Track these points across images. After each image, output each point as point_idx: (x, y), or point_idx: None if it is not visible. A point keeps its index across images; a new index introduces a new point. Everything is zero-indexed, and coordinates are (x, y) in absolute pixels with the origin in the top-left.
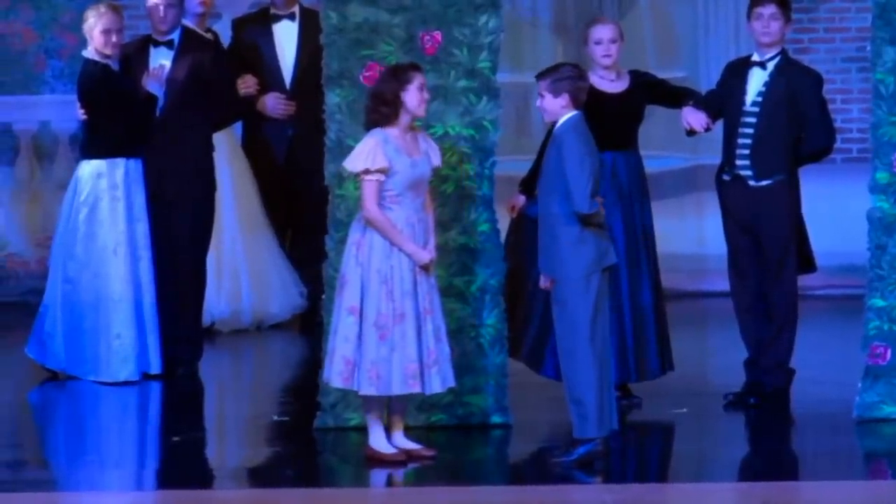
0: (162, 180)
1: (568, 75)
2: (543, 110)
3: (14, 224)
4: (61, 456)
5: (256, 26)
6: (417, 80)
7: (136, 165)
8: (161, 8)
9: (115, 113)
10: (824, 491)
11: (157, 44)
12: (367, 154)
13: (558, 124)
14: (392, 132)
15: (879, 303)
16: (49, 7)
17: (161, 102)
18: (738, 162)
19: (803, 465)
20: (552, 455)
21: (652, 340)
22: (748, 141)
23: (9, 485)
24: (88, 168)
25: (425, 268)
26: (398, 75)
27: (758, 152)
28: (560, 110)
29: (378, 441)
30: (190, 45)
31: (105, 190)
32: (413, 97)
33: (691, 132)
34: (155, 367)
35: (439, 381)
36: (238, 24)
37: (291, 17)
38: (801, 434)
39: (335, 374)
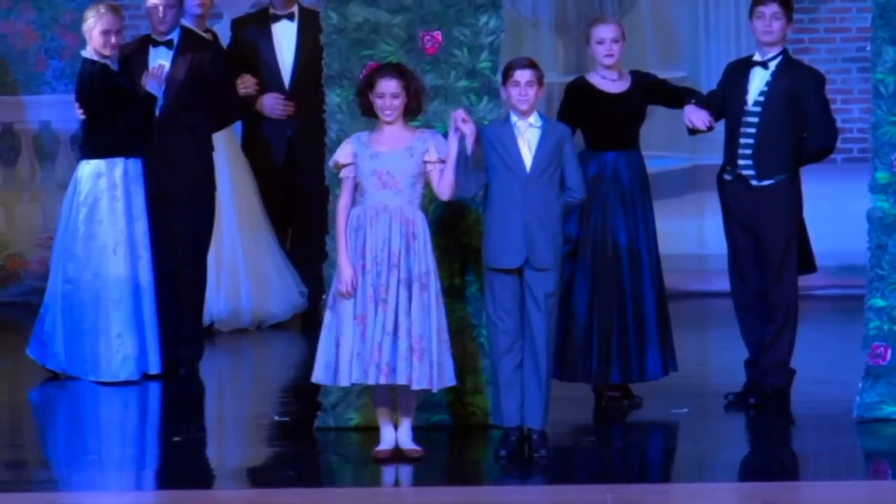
0: (161, 180)
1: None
2: (536, 101)
3: (14, 224)
4: (61, 456)
5: (255, 26)
6: (379, 88)
7: (135, 165)
8: (160, 8)
9: (114, 113)
10: (825, 491)
11: (156, 44)
12: (338, 150)
13: (539, 116)
14: (376, 127)
15: (880, 303)
16: (50, 7)
17: (160, 102)
18: (741, 162)
19: (804, 465)
20: (535, 451)
21: (653, 341)
22: (750, 140)
23: (9, 485)
24: (88, 168)
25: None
26: (368, 77)
27: (760, 152)
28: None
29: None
30: (189, 44)
31: (104, 190)
32: (376, 102)
33: (694, 131)
34: (155, 367)
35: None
36: (237, 24)
37: (290, 17)
38: (802, 434)
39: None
